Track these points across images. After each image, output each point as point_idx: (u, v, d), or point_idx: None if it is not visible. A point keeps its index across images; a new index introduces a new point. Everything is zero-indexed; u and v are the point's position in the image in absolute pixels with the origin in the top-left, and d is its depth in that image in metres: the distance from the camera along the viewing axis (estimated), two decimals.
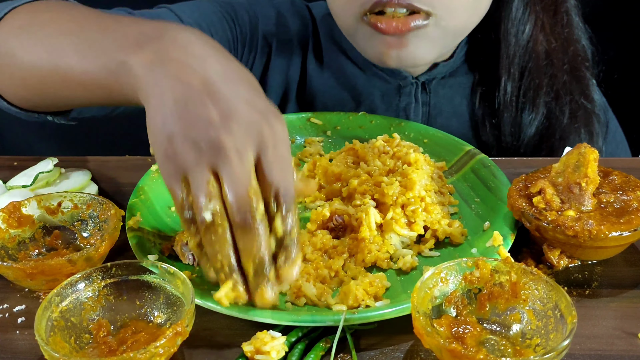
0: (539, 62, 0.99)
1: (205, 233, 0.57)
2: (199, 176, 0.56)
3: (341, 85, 1.05)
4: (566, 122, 1.00)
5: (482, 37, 1.01)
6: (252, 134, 0.57)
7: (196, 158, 0.56)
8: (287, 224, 0.58)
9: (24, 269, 0.65)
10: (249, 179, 0.56)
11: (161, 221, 0.78)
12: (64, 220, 0.75)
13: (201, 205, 0.56)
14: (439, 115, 1.04)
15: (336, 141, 0.94)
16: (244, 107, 0.57)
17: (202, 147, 0.56)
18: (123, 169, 0.91)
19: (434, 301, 0.61)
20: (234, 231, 0.57)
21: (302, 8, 1.09)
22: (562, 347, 0.54)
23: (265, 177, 0.57)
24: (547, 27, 0.99)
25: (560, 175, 0.71)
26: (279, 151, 0.58)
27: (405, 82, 1.02)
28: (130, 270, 0.64)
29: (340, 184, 0.81)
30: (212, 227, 0.57)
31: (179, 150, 0.57)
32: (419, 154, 0.80)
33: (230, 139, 0.56)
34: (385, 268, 0.70)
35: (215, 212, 0.56)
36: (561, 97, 1.00)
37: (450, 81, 1.04)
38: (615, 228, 0.66)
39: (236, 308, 0.62)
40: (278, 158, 0.58)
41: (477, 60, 1.04)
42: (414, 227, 0.73)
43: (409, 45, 0.88)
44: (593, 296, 0.67)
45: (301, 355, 0.61)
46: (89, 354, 0.60)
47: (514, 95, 1.00)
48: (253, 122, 0.57)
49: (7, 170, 0.91)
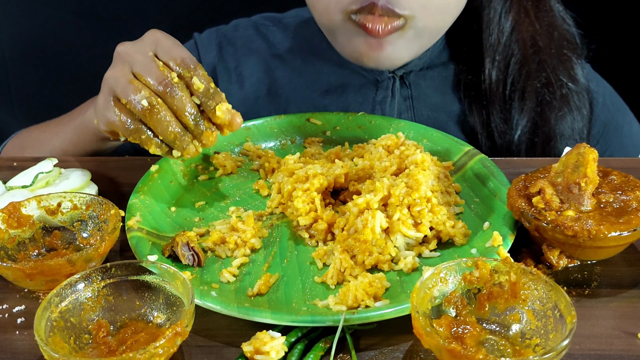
0: (526, 50, 0.99)
1: (150, 118, 0.73)
2: (122, 84, 0.74)
3: (314, 86, 1.05)
4: (558, 106, 0.99)
5: (463, 27, 1.01)
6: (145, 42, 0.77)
7: (113, 76, 0.75)
8: (200, 77, 0.75)
9: (23, 269, 0.65)
10: (155, 62, 0.75)
11: (161, 221, 0.78)
12: (63, 221, 0.75)
13: (136, 101, 0.73)
14: (424, 107, 1.04)
15: (336, 141, 0.94)
16: None
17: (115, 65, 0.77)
18: (123, 169, 0.91)
19: (433, 301, 0.61)
20: (164, 102, 0.74)
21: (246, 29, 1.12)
22: (561, 347, 0.54)
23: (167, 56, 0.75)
24: (531, 14, 0.99)
25: (560, 175, 0.71)
26: (169, 41, 0.77)
27: (383, 77, 1.03)
28: (130, 270, 0.64)
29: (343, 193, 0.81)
30: (151, 110, 0.73)
31: (103, 88, 0.76)
32: (426, 154, 0.80)
33: (130, 48, 0.77)
34: (386, 270, 0.70)
35: (147, 97, 0.72)
36: (552, 83, 0.99)
37: (430, 73, 1.04)
38: (614, 228, 0.66)
39: (236, 308, 0.63)
40: (169, 44, 0.77)
41: (460, 50, 1.04)
42: (420, 227, 0.73)
43: (387, 46, 0.89)
44: (592, 296, 0.67)
45: (301, 355, 0.61)
46: (88, 354, 0.60)
47: (500, 84, 1.00)
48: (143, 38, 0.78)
49: (7, 170, 0.91)
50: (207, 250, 0.74)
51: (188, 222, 0.79)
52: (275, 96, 1.07)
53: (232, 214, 0.80)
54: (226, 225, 0.77)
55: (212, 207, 0.82)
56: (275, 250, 0.75)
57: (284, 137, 0.95)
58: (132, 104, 0.73)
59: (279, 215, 0.80)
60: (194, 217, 0.80)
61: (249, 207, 0.82)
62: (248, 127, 0.94)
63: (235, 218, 0.77)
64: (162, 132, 0.73)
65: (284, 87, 1.07)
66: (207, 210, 0.82)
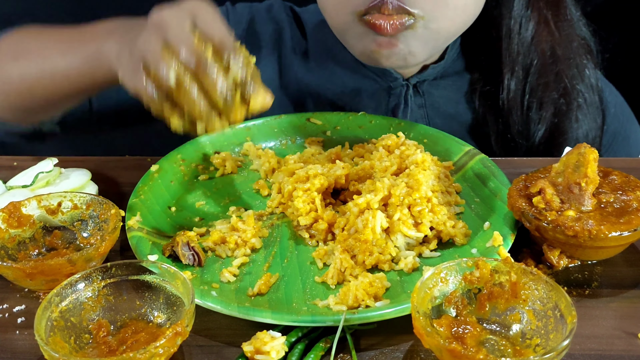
0: (545, 59, 0.98)
1: (177, 94, 0.67)
2: (152, 55, 0.67)
3: (330, 84, 1.05)
4: (574, 117, 0.99)
5: (481, 36, 1.01)
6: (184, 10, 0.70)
7: (145, 43, 0.68)
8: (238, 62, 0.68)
9: (23, 269, 0.65)
10: (191, 35, 0.67)
11: (161, 221, 0.78)
12: (64, 220, 0.75)
13: (164, 73, 0.66)
14: (437, 116, 1.03)
15: (336, 141, 0.94)
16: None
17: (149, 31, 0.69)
18: (123, 169, 0.91)
19: (433, 301, 0.61)
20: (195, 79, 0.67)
21: (279, 13, 1.09)
22: (562, 347, 0.54)
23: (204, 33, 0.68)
24: (551, 23, 0.98)
25: (560, 175, 0.71)
26: (209, 15, 0.70)
27: (396, 84, 1.02)
28: (130, 270, 0.64)
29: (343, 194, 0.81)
30: (180, 87, 0.67)
31: (134, 52, 0.69)
32: (426, 154, 0.80)
33: (167, 15, 0.69)
34: (386, 270, 0.70)
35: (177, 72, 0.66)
36: (569, 93, 0.99)
37: (443, 82, 1.04)
38: (615, 228, 0.66)
39: (236, 308, 0.63)
40: (209, 18, 0.69)
41: (477, 59, 1.03)
42: (421, 227, 0.73)
43: (399, 45, 0.88)
44: (593, 296, 0.67)
45: (301, 355, 0.61)
46: (88, 354, 0.60)
47: (519, 94, 0.99)
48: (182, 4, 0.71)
49: (7, 170, 0.91)
50: (208, 250, 0.74)
51: (188, 222, 0.79)
52: (289, 89, 1.06)
53: (232, 214, 0.80)
54: (226, 225, 0.77)
55: (212, 207, 0.82)
56: (276, 250, 0.75)
57: (284, 137, 0.95)
58: (160, 77, 0.67)
59: (279, 215, 0.80)
60: (194, 217, 0.80)
61: (249, 207, 0.82)
62: (248, 127, 0.94)
63: (235, 218, 0.77)
64: (187, 108, 0.68)
65: (299, 82, 1.06)
66: (207, 210, 0.82)
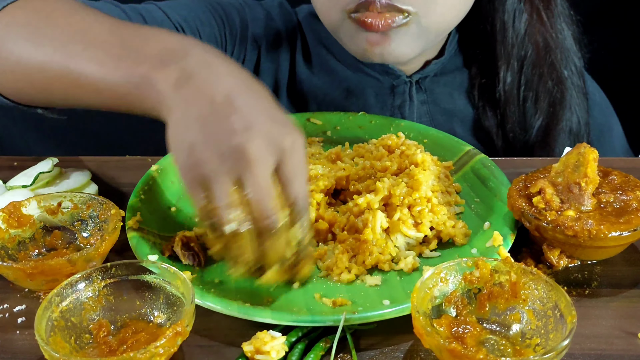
0: (539, 50, 0.99)
1: (232, 240, 0.60)
2: (221, 185, 0.58)
3: (333, 86, 1.05)
4: (567, 105, 1.00)
5: (476, 30, 1.01)
6: (273, 144, 0.59)
7: (219, 166, 0.58)
8: (303, 230, 0.62)
9: (23, 269, 0.65)
10: (271, 187, 0.59)
11: (161, 221, 0.78)
12: (64, 220, 0.75)
13: (225, 217, 0.58)
14: (439, 113, 1.04)
15: (336, 141, 0.94)
16: (265, 118, 0.59)
17: (224, 155, 0.57)
18: (123, 169, 0.91)
19: (433, 301, 0.61)
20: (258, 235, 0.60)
21: (290, 11, 1.09)
22: (561, 347, 0.54)
23: (283, 186, 0.60)
24: (543, 15, 0.99)
25: (560, 175, 0.71)
26: (297, 161, 0.60)
27: (399, 82, 1.02)
28: (130, 270, 0.64)
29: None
30: (236, 236, 0.59)
31: (201, 158, 0.58)
32: (426, 154, 0.80)
33: (253, 148, 0.57)
34: (386, 270, 0.70)
35: (239, 220, 0.59)
36: (562, 82, 1.00)
37: (444, 79, 1.04)
38: (614, 228, 0.66)
39: (236, 308, 0.63)
40: (296, 168, 0.60)
41: (474, 54, 1.04)
42: (421, 227, 0.73)
43: (390, 42, 0.89)
44: (593, 296, 0.67)
45: (301, 355, 0.61)
46: (89, 354, 0.60)
47: (515, 85, 1.00)
48: (274, 132, 0.59)
49: (7, 170, 0.91)
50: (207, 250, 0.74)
51: (188, 222, 0.79)
52: (294, 89, 1.06)
53: None
54: None
55: None
56: None
57: None
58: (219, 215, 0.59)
59: None
60: (194, 217, 0.80)
61: None
62: None
63: None
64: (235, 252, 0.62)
65: (303, 82, 1.06)
66: None
